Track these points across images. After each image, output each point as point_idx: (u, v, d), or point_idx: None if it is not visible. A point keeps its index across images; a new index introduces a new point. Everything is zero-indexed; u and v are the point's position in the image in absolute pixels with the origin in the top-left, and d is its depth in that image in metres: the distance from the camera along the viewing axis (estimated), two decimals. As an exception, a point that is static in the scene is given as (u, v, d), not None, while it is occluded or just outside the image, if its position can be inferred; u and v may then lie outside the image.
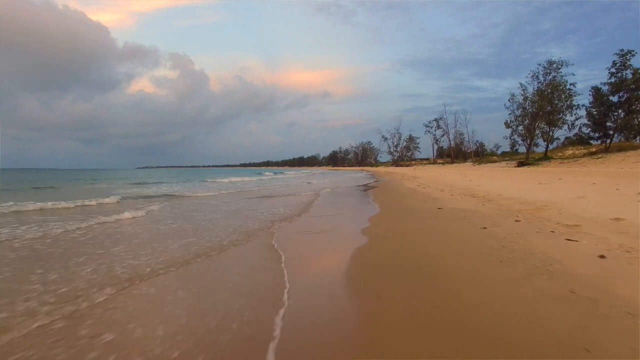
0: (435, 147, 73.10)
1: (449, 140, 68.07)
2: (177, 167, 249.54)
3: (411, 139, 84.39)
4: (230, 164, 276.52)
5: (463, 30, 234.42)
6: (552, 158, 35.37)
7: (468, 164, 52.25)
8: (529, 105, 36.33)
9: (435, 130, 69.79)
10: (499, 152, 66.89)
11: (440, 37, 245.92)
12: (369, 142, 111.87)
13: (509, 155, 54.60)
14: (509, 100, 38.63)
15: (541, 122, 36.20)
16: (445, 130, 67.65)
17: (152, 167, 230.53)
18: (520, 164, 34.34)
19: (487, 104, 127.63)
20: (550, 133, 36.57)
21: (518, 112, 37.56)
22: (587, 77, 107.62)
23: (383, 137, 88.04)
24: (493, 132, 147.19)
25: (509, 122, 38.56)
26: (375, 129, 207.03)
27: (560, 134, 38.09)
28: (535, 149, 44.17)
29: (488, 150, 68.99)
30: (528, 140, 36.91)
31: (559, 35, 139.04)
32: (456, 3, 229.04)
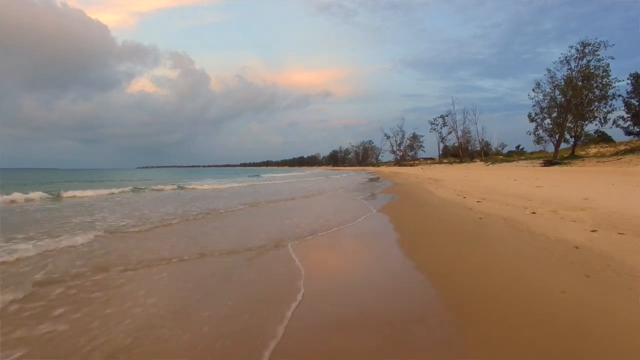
0: (441, 145, 68.80)
1: (457, 138, 63.66)
2: (178, 167, 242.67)
3: (415, 137, 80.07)
4: (230, 163, 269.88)
5: (464, 30, 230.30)
6: (581, 157, 31.02)
7: (478, 163, 47.78)
8: (559, 94, 31.53)
9: (441, 128, 65.48)
10: (504, 151, 64.44)
11: (441, 37, 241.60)
12: (370, 141, 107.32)
13: (520, 155, 50.57)
14: (533, 89, 33.78)
15: (569, 115, 31.58)
16: (452, 128, 63.23)
17: (152, 167, 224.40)
18: (548, 163, 29.90)
19: (488, 104, 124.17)
20: (580, 128, 31.90)
21: (544, 103, 32.83)
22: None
23: (385, 135, 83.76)
24: (495, 132, 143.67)
25: (533, 115, 33.81)
26: (376, 129, 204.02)
27: (591, 128, 33.35)
28: (546, 147, 39.71)
29: (493, 150, 65.70)
30: (557, 136, 32.22)
31: (560, 35, 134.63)
32: (457, 3, 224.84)
